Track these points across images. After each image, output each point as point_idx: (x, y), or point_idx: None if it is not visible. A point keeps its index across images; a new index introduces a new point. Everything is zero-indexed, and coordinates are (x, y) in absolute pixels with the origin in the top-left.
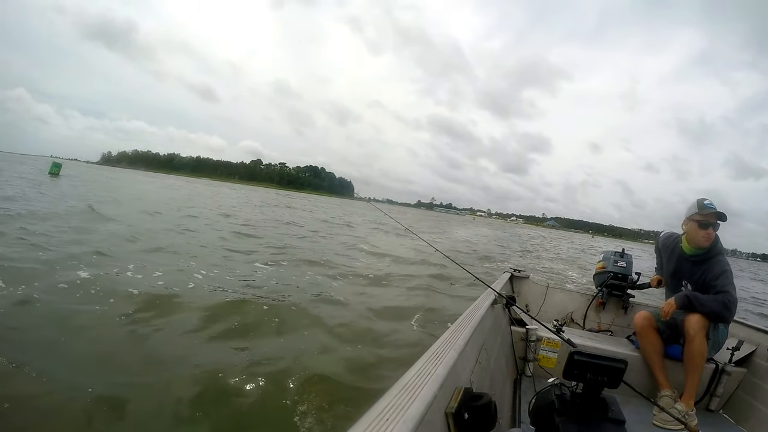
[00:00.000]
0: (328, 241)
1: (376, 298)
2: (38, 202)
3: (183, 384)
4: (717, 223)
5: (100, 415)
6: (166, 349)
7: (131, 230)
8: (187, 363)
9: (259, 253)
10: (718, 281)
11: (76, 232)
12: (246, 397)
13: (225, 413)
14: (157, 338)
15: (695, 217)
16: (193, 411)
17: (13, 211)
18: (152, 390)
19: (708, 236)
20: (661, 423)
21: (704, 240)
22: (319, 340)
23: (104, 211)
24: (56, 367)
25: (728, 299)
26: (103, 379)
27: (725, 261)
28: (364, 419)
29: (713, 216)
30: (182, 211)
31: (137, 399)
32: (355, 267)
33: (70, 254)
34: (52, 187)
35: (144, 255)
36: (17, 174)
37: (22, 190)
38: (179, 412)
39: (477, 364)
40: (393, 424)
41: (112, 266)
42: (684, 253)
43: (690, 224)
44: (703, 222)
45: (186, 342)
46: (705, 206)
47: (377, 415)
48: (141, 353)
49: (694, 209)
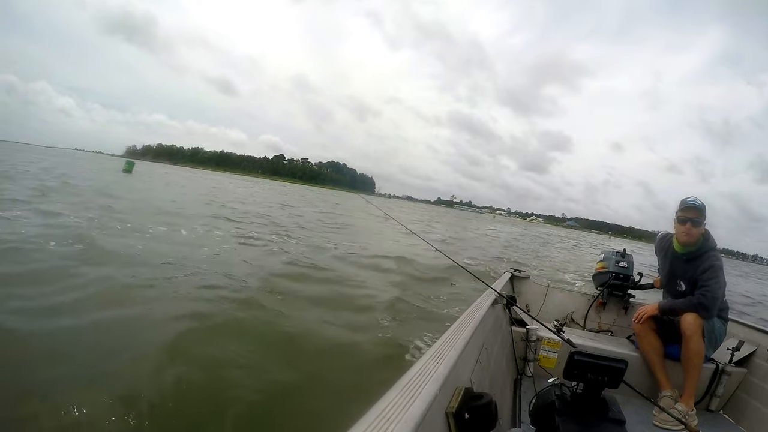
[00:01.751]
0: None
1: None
2: (192, 206)
3: None
4: (698, 219)
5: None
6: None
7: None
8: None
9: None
10: (702, 276)
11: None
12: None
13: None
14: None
15: (677, 214)
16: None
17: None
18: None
19: (687, 231)
20: (661, 423)
21: (683, 235)
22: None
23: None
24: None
25: (703, 294)
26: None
27: (715, 257)
28: (366, 418)
29: (691, 211)
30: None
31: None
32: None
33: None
34: (160, 184)
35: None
36: (95, 170)
37: (134, 188)
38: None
39: (477, 364)
40: (394, 424)
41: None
42: (675, 251)
43: (674, 222)
44: (681, 218)
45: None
46: (684, 202)
47: (378, 415)
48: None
49: (677, 207)
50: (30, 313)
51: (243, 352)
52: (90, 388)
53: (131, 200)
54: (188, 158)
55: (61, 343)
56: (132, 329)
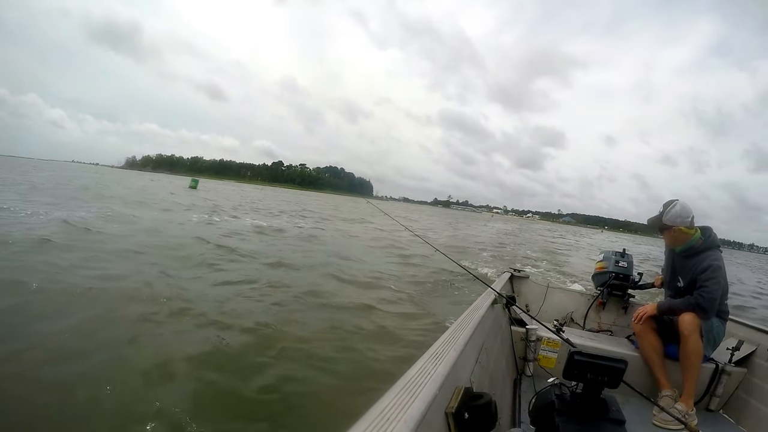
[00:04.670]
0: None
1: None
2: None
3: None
4: (662, 228)
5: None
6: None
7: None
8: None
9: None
10: (701, 276)
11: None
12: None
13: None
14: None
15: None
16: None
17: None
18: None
19: (666, 238)
20: (661, 423)
21: (666, 240)
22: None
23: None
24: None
25: (701, 295)
26: None
27: (714, 256)
28: (366, 418)
29: (653, 226)
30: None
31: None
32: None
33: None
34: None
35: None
36: (168, 189)
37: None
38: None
39: (477, 363)
40: (394, 424)
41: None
42: (674, 249)
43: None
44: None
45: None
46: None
47: (378, 414)
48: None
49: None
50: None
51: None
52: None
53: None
54: (188, 167)
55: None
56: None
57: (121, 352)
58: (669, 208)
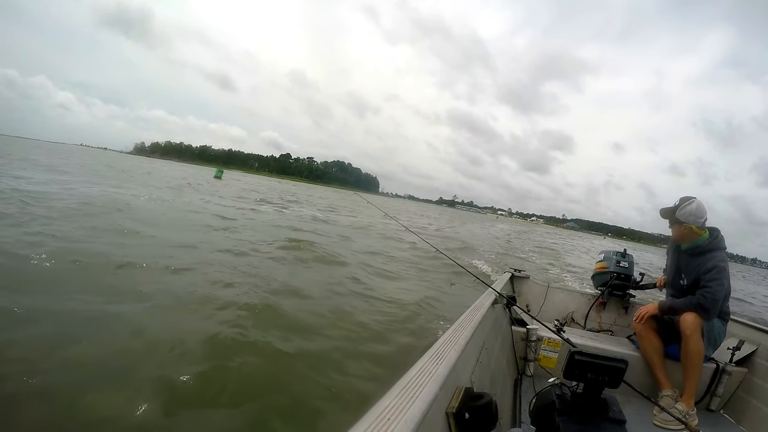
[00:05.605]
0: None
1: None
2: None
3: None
4: (672, 220)
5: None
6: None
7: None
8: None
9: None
10: (705, 276)
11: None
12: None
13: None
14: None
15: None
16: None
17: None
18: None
19: (673, 232)
20: (661, 423)
21: (674, 235)
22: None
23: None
24: None
25: (703, 295)
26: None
27: (720, 257)
28: (366, 418)
29: (664, 216)
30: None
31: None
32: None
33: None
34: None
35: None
36: (199, 179)
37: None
38: None
39: (478, 363)
40: (394, 424)
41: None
42: (680, 247)
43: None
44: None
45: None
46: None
47: (378, 415)
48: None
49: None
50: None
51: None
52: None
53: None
54: (196, 156)
55: None
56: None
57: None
58: (685, 203)
